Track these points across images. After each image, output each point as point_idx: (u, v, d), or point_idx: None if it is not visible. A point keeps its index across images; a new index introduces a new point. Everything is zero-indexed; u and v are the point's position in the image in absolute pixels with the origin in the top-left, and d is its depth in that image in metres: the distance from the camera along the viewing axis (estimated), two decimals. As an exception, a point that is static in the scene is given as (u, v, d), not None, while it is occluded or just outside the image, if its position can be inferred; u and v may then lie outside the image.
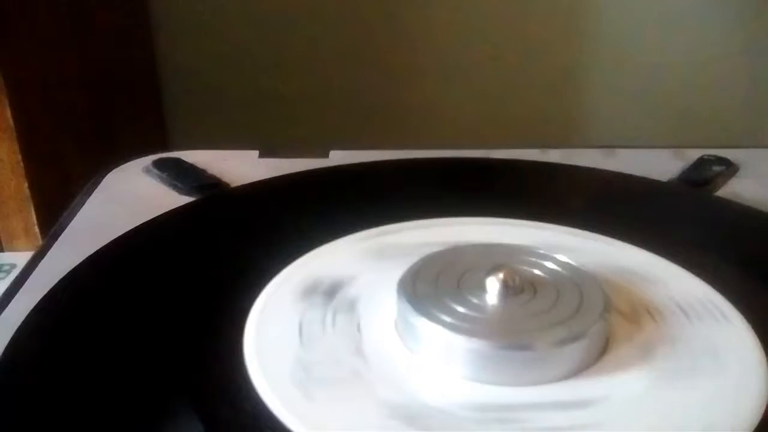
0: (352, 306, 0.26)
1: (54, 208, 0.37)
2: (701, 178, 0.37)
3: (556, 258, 0.26)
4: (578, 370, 0.23)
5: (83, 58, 0.60)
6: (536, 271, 0.25)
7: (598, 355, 0.23)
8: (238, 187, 0.37)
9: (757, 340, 0.24)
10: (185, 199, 0.36)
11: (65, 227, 0.34)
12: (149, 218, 0.33)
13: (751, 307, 0.26)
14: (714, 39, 0.73)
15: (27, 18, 0.51)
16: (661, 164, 0.38)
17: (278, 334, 0.25)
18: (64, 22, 0.57)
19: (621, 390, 0.22)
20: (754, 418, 0.21)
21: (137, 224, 0.32)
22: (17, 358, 0.24)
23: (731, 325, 0.25)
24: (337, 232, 0.31)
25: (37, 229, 0.51)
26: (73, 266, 0.29)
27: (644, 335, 0.25)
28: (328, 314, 0.26)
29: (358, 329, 0.25)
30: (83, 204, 0.36)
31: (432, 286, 0.25)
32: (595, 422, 0.21)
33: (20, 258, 0.50)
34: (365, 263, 0.29)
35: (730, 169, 0.38)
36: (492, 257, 0.26)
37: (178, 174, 0.38)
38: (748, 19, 0.72)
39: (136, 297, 0.28)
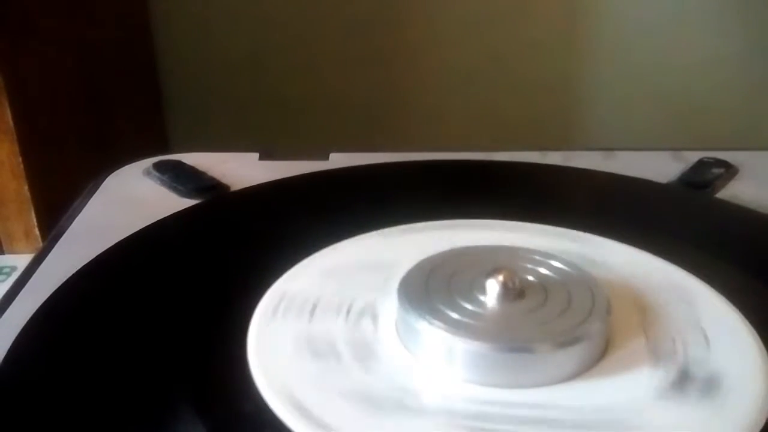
0: (356, 305, 0.26)
1: (54, 211, 0.37)
2: (701, 180, 0.37)
3: (555, 260, 0.26)
4: (576, 374, 0.23)
5: (84, 61, 0.60)
6: (536, 274, 0.26)
7: (597, 358, 0.23)
8: (242, 189, 0.37)
9: (758, 341, 0.24)
10: (186, 202, 0.36)
11: (66, 229, 0.34)
12: (150, 221, 0.33)
13: (753, 308, 0.26)
14: (713, 41, 0.73)
15: (27, 19, 0.51)
16: (660, 166, 0.38)
17: (281, 338, 0.25)
18: (65, 23, 0.57)
19: (610, 398, 0.22)
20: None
21: (138, 227, 0.33)
22: (19, 361, 0.24)
23: (729, 327, 0.25)
24: (339, 235, 0.31)
25: (37, 232, 0.51)
26: (74, 269, 0.29)
27: (643, 340, 0.25)
28: (330, 313, 0.26)
29: (360, 330, 0.25)
30: (84, 206, 0.36)
31: (431, 287, 0.25)
32: (581, 427, 0.21)
33: (21, 260, 0.50)
34: (367, 264, 0.29)
35: (729, 171, 0.38)
36: (492, 259, 0.26)
37: (179, 176, 0.38)
38: (748, 21, 0.72)
39: (139, 300, 0.28)
